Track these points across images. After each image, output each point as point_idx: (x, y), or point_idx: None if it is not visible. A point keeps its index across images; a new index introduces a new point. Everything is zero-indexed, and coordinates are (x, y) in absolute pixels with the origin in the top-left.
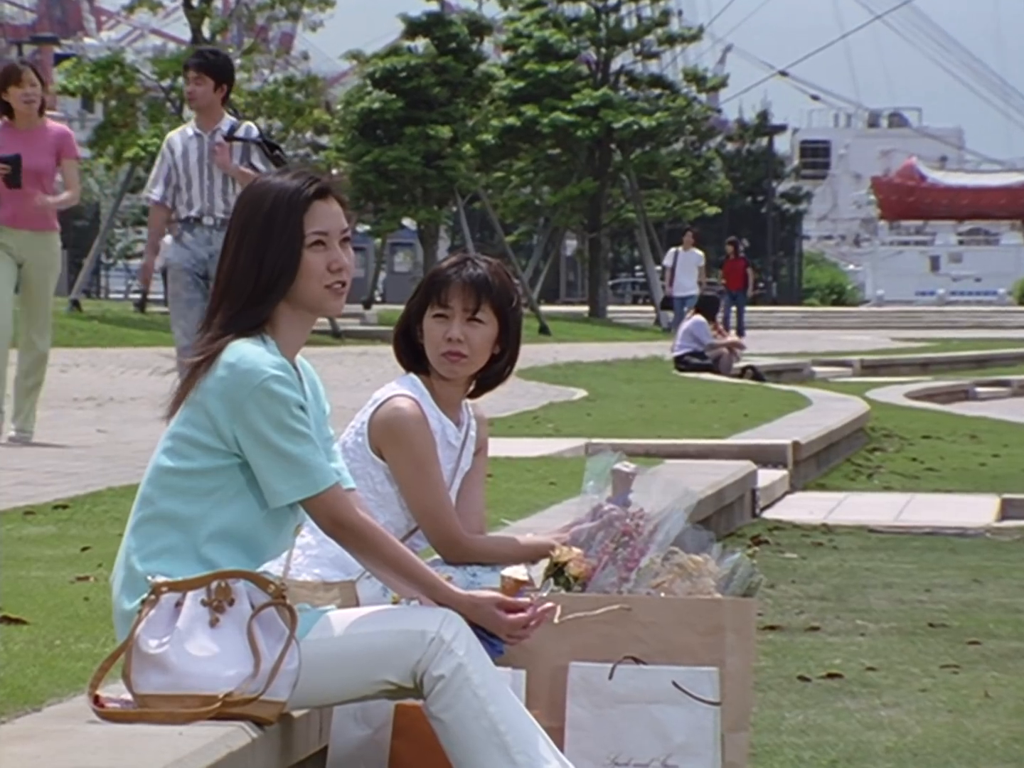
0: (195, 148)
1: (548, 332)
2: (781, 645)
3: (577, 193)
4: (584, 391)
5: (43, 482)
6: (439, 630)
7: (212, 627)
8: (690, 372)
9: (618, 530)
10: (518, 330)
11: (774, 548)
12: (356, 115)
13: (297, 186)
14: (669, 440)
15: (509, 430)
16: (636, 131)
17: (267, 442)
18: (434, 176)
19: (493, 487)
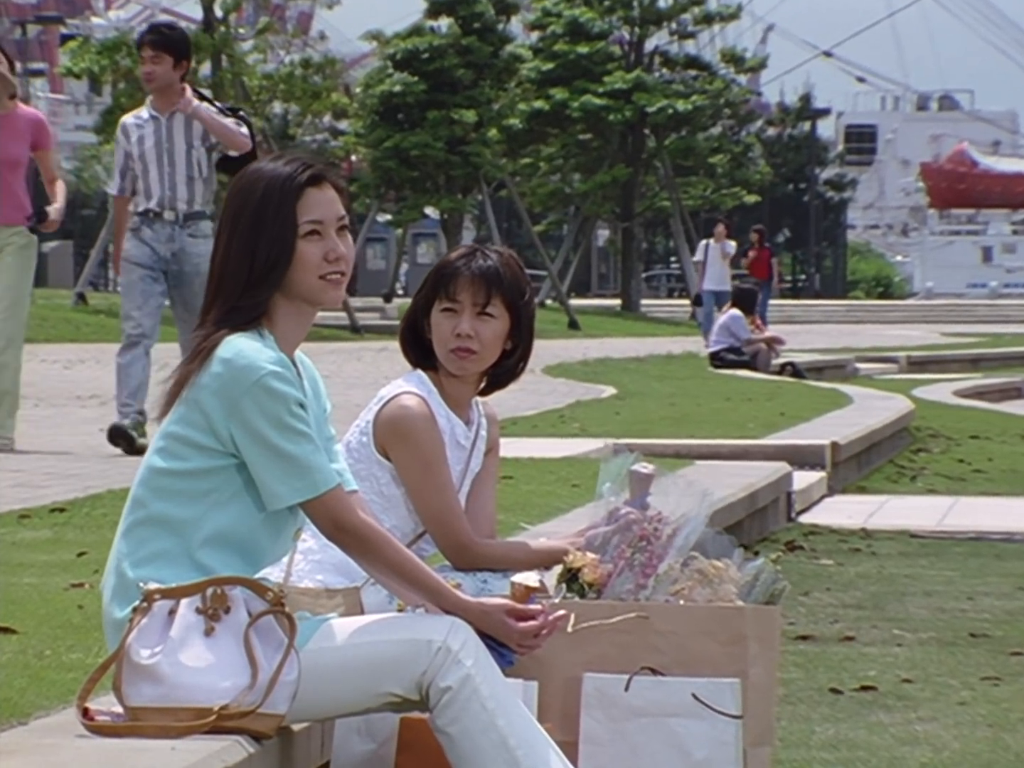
0: (151, 132)
1: (578, 327)
2: (813, 656)
3: (609, 180)
4: (613, 389)
5: (41, 484)
6: (446, 639)
7: (207, 636)
8: (726, 369)
9: (635, 534)
10: (531, 325)
11: (809, 554)
12: (376, 99)
13: (289, 172)
14: (701, 440)
15: (533, 429)
16: (671, 115)
17: (265, 441)
18: (458, 163)
19: (513, 489)
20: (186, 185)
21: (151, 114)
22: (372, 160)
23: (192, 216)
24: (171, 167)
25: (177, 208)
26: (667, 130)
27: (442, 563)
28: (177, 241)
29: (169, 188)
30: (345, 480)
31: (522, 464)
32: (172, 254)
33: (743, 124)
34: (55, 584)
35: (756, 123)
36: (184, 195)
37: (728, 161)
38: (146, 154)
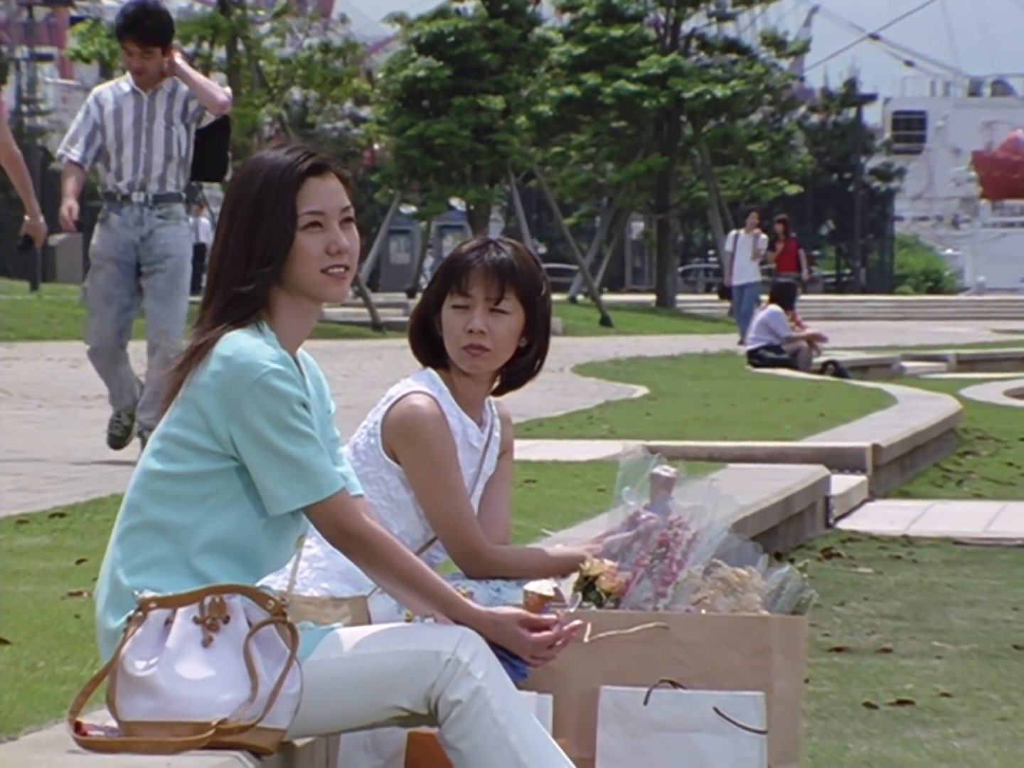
0: (131, 108)
1: (610, 324)
2: (847, 668)
3: (643, 170)
4: (645, 389)
5: (41, 488)
6: (456, 650)
7: (205, 647)
8: (765, 368)
9: (655, 540)
10: (547, 321)
11: (847, 562)
12: (399, 84)
13: (290, 161)
14: (735, 442)
15: (559, 431)
16: (709, 101)
17: (266, 443)
18: (485, 151)
19: (535, 494)
20: (163, 165)
21: (132, 88)
22: (395, 149)
23: (164, 198)
24: (148, 148)
25: (148, 189)
26: (704, 117)
27: (453, 571)
28: (147, 224)
29: (144, 171)
30: (350, 484)
31: (546, 467)
32: (141, 239)
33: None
34: (52, 593)
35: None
36: (158, 175)
37: (768, 150)
38: (123, 131)
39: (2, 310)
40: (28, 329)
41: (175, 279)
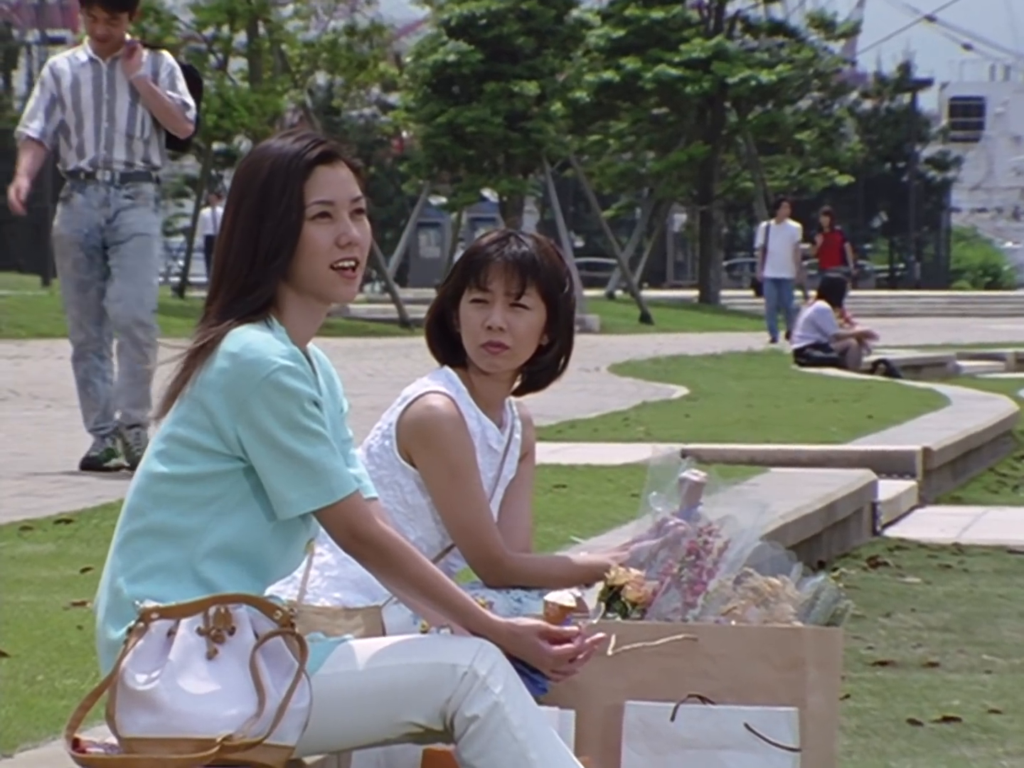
0: (89, 79)
1: (650, 321)
2: (891, 683)
3: (685, 159)
4: (685, 389)
5: (48, 492)
6: (472, 663)
7: (209, 659)
8: (812, 367)
9: (684, 548)
10: (569, 318)
11: (894, 571)
12: (428, 69)
13: (298, 150)
14: (777, 445)
15: (593, 434)
16: (754, 87)
17: (275, 443)
18: (518, 140)
19: (565, 499)
20: (125, 145)
21: (90, 56)
22: (424, 137)
23: (131, 177)
24: (109, 122)
25: (113, 168)
26: (750, 103)
27: (472, 580)
28: (112, 205)
29: (105, 147)
30: (364, 486)
31: (578, 471)
32: (107, 220)
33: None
34: (54, 602)
35: (849, 96)
36: (123, 155)
37: (817, 138)
38: (81, 103)
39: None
40: (39, 326)
41: (143, 255)
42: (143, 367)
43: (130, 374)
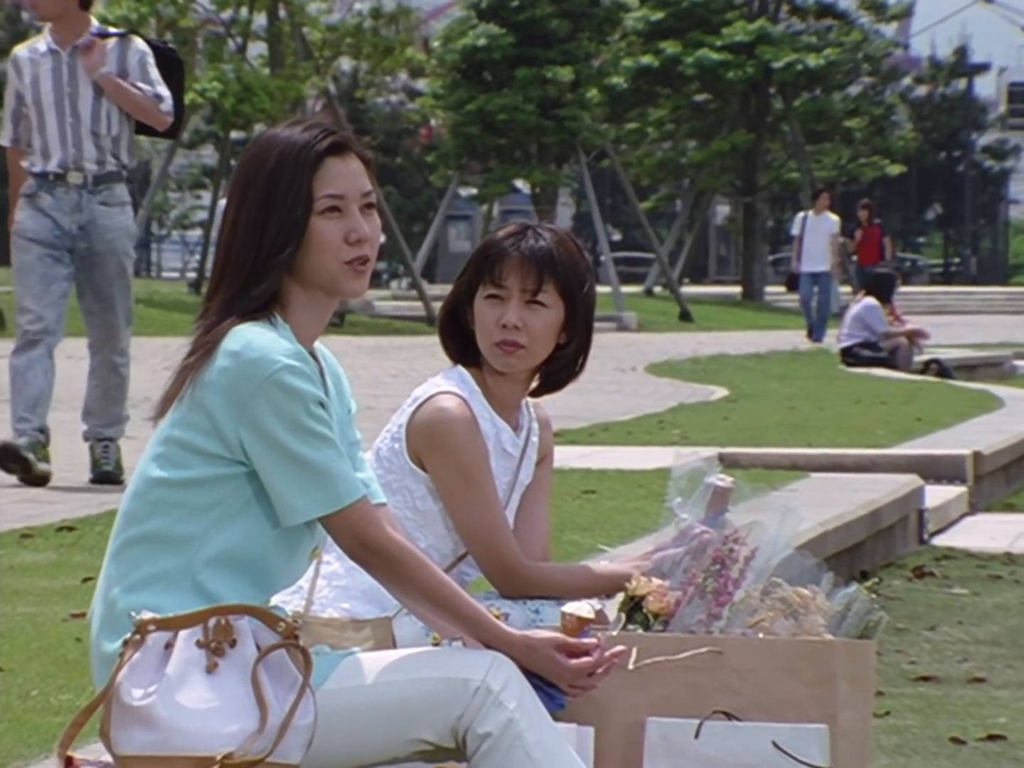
0: (48, 71)
1: (691, 319)
2: (934, 700)
3: (728, 148)
4: (725, 390)
5: (51, 499)
6: (486, 678)
7: (209, 673)
8: (860, 367)
9: (709, 557)
10: (589, 316)
11: (940, 581)
12: (457, 54)
13: (306, 140)
14: (820, 449)
15: (627, 437)
16: (801, 72)
17: (279, 446)
18: (552, 128)
19: (594, 505)
20: (93, 141)
21: (49, 47)
22: (452, 125)
23: (104, 179)
24: (75, 118)
25: (85, 169)
26: (796, 89)
27: (488, 590)
28: (86, 211)
29: (74, 145)
30: (372, 491)
31: (608, 477)
32: (79, 227)
33: (886, 82)
34: (52, 614)
35: (902, 81)
36: (93, 153)
37: (868, 125)
38: (42, 99)
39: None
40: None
41: (121, 277)
42: (117, 391)
43: (103, 396)
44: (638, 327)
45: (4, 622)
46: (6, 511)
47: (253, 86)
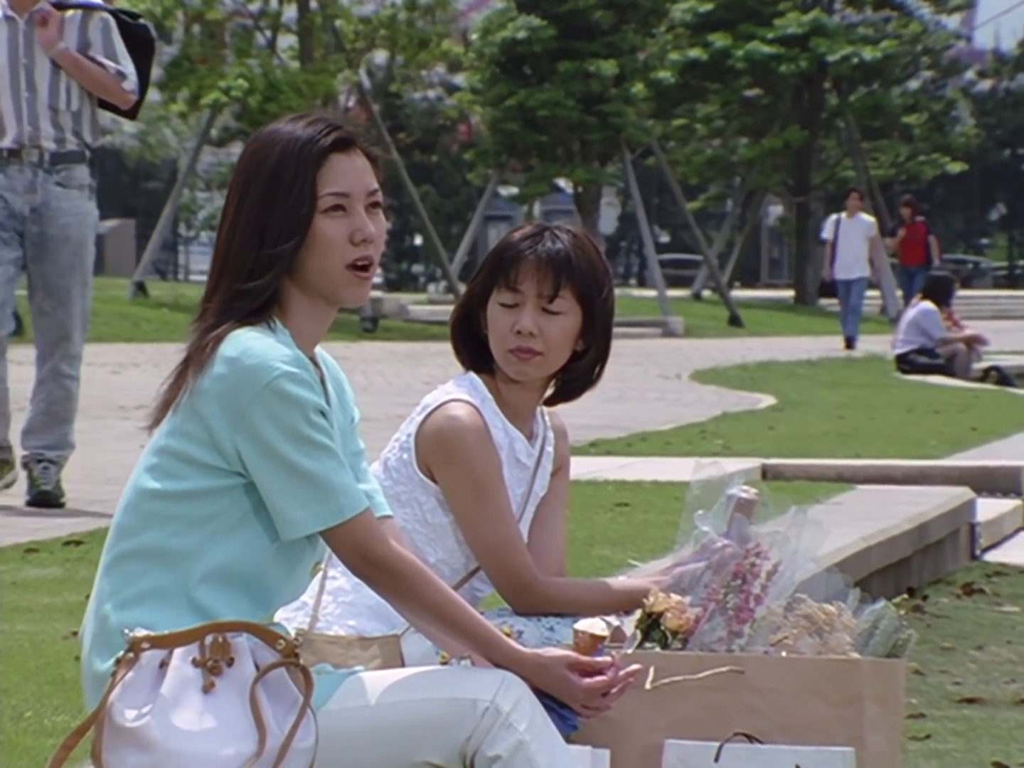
0: (3, 40)
1: (740, 323)
2: (978, 722)
3: (780, 146)
4: (772, 398)
5: (59, 511)
6: (495, 698)
7: (205, 693)
8: (916, 374)
9: (730, 572)
10: (607, 322)
11: (991, 599)
12: (497, 47)
13: (311, 135)
14: (868, 460)
15: (665, 447)
16: (856, 65)
17: (278, 457)
18: (595, 124)
19: (627, 519)
20: (50, 120)
21: (5, 14)
22: (491, 121)
23: (63, 158)
24: (31, 91)
25: (42, 146)
26: (852, 84)
27: (501, 607)
28: (40, 192)
29: (30, 121)
30: (376, 504)
31: (643, 489)
32: (32, 209)
33: (947, 76)
34: (52, 632)
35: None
36: (50, 131)
37: (927, 121)
38: None
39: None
40: None
41: (77, 270)
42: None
43: (46, 412)
44: (685, 332)
45: (2, 640)
46: (14, 524)
47: (280, 83)
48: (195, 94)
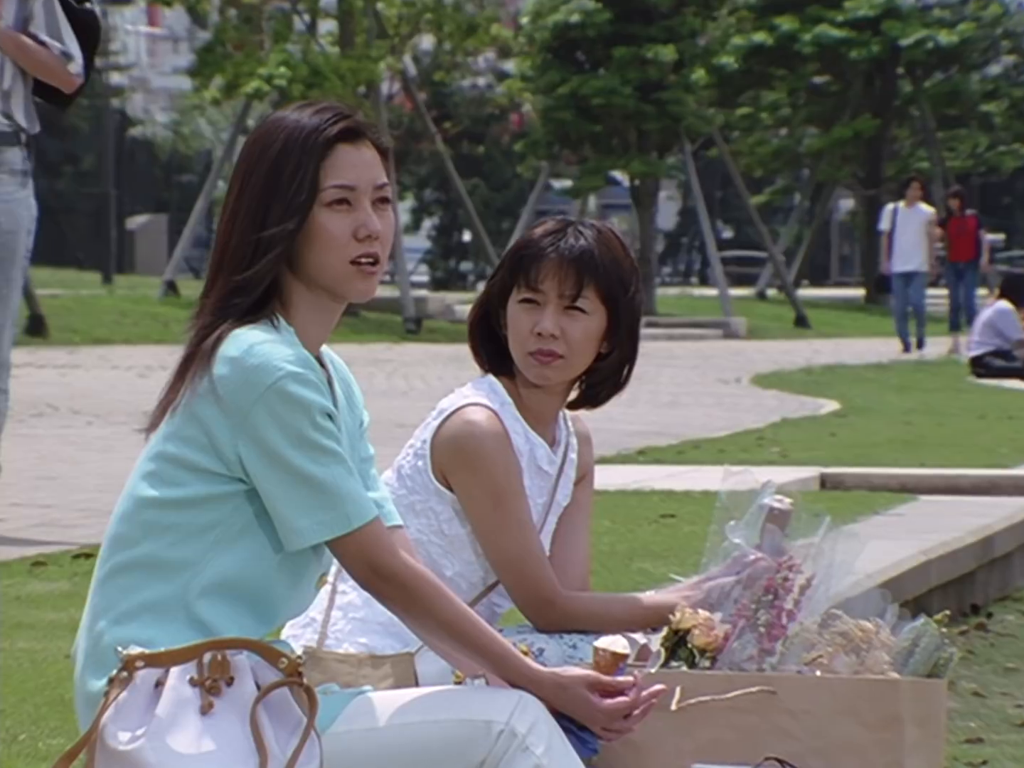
0: None
1: (807, 324)
2: None
3: (850, 135)
4: (836, 403)
5: (71, 522)
6: (510, 720)
7: (204, 715)
8: (991, 378)
9: (761, 586)
10: (634, 323)
11: None
12: (548, 31)
13: (316, 124)
14: (934, 469)
15: (719, 455)
16: (932, 50)
17: (282, 462)
18: (653, 113)
19: (672, 531)
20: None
21: None
22: (542, 110)
23: None
24: None
25: None
26: (926, 69)
27: (520, 623)
28: None
29: None
30: (385, 513)
31: (691, 499)
32: None
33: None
34: (54, 650)
35: None
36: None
37: (1008, 109)
38: None
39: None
40: (95, 331)
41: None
42: None
43: None
44: (747, 334)
45: (1, 658)
46: (22, 535)
47: (321, 69)
48: (230, 82)
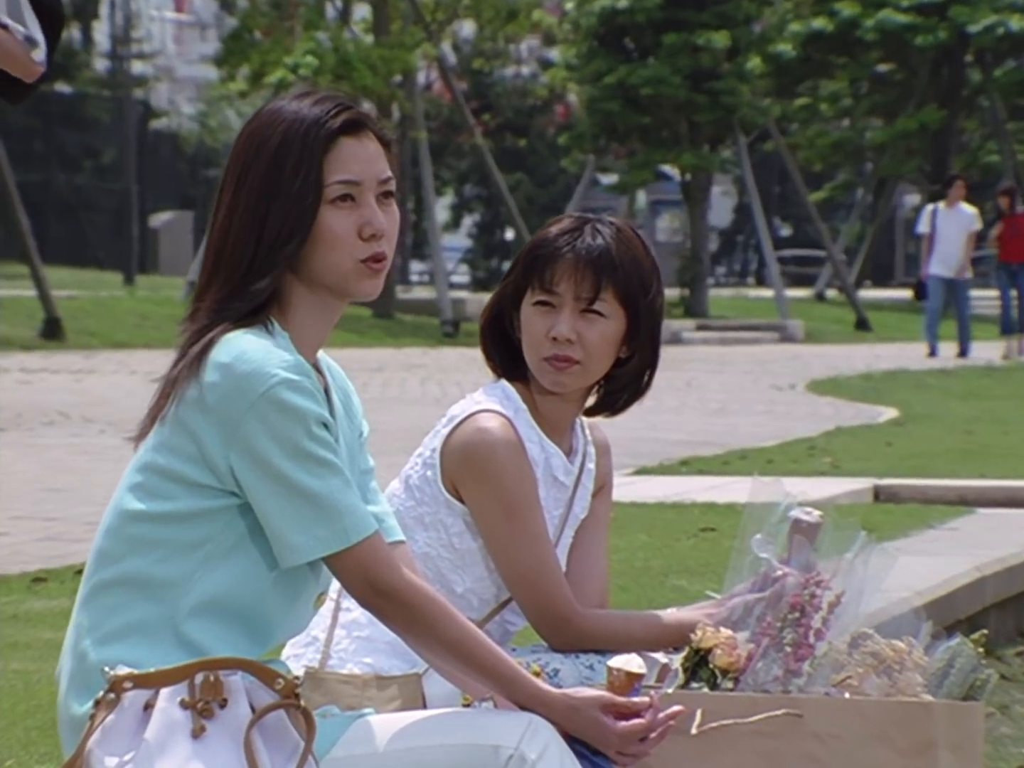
0: None
1: (868, 327)
2: None
3: (916, 127)
4: (895, 411)
5: (77, 536)
6: (520, 744)
7: (195, 738)
8: None
9: (787, 603)
10: (654, 326)
11: None
12: (595, 17)
13: (317, 115)
14: (994, 481)
15: (766, 466)
16: (1002, 36)
17: (276, 475)
18: (705, 104)
19: (712, 545)
20: None
21: None
22: (589, 101)
23: None
24: None
25: None
26: (997, 57)
27: (535, 642)
28: None
29: None
30: (386, 527)
31: (734, 512)
32: None
33: None
34: (49, 671)
35: None
36: None
37: None
38: None
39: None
40: (115, 334)
41: None
42: None
43: None
44: (805, 337)
45: None
46: (23, 551)
47: (352, 59)
48: (257, 71)
